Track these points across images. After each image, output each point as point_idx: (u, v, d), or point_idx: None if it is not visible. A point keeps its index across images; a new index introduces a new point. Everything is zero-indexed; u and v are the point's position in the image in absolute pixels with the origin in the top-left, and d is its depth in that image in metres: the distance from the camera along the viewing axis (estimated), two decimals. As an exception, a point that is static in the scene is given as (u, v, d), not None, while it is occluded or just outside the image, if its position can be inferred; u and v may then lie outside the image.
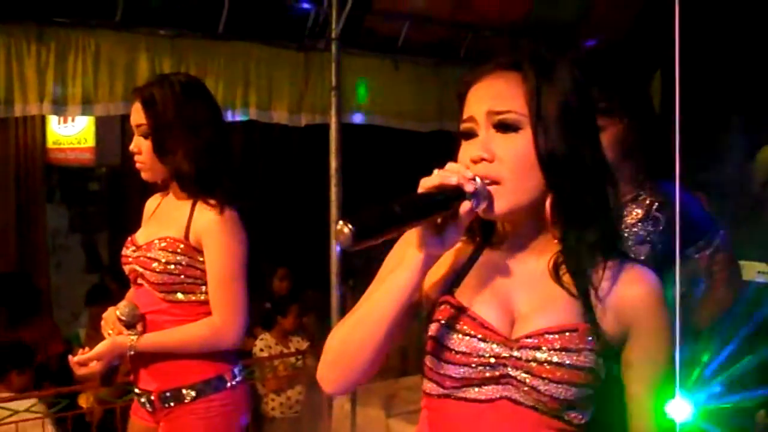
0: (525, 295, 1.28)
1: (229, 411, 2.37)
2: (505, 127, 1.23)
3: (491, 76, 1.27)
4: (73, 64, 3.98)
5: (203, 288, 2.33)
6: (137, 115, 2.34)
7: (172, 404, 2.34)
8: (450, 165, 1.22)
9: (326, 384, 1.35)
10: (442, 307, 1.29)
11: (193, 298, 2.33)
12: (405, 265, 1.23)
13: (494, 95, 1.25)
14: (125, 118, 6.00)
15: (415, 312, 1.34)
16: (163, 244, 2.32)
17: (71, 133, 6.86)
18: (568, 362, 1.20)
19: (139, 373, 2.40)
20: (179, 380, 2.33)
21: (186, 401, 2.32)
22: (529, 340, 1.22)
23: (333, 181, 4.46)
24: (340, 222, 1.05)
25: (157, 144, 2.30)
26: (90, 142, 6.86)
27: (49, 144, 6.94)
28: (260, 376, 5.06)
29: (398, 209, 1.10)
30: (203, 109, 2.35)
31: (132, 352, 2.32)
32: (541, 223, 1.27)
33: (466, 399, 1.26)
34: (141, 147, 2.34)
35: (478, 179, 1.19)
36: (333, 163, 4.47)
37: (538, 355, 1.21)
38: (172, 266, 2.30)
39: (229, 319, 2.30)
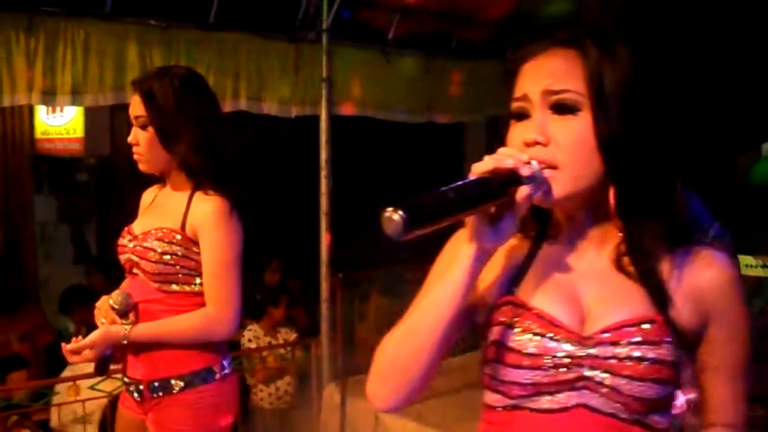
0: (593, 289, 1.19)
1: (218, 403, 2.38)
2: (562, 108, 1.13)
3: (547, 53, 1.17)
4: (63, 54, 3.96)
5: (198, 279, 2.34)
6: (136, 108, 2.35)
7: (160, 394, 2.34)
8: (503, 149, 1.12)
9: (378, 400, 1.23)
10: (504, 307, 1.19)
11: (188, 288, 2.35)
12: (457, 263, 1.13)
13: (551, 73, 1.15)
14: (114, 109, 5.99)
15: (470, 317, 1.25)
16: (159, 235, 2.33)
17: (60, 123, 6.83)
18: (651, 356, 1.11)
19: (128, 362, 2.41)
20: (168, 370, 2.34)
21: (174, 391, 2.34)
22: (606, 335, 1.13)
23: (323, 173, 4.48)
24: (389, 209, 0.96)
25: (162, 136, 2.32)
26: (79, 132, 6.83)
27: (38, 134, 6.90)
28: (249, 366, 5.07)
29: (452, 195, 1.01)
30: (204, 102, 2.37)
31: (125, 342, 2.33)
32: (599, 212, 1.19)
33: (536, 410, 1.15)
34: (139, 138, 2.35)
35: (534, 162, 1.10)
36: (323, 155, 4.48)
37: (618, 350, 1.11)
38: (168, 257, 2.32)
39: (223, 310, 2.31)
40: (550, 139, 1.12)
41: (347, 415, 4.41)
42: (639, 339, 1.11)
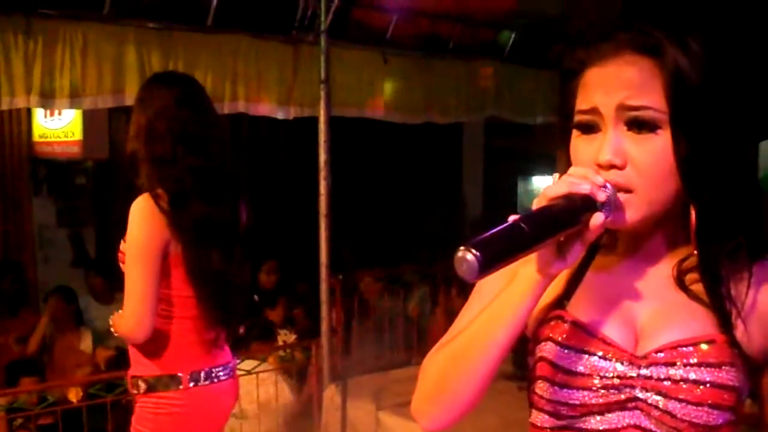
0: (649, 306, 1.10)
1: (181, 413, 2.38)
2: (640, 125, 1.02)
3: (620, 59, 1.04)
4: (61, 57, 3.95)
5: None
6: None
7: (134, 391, 2.42)
8: (575, 170, 1.02)
9: (425, 419, 1.15)
10: (553, 323, 1.11)
11: None
12: (519, 286, 1.04)
13: (627, 85, 1.02)
14: (113, 112, 5.98)
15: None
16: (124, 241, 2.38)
17: (58, 126, 6.81)
18: (709, 379, 1.01)
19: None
20: (137, 369, 2.41)
21: (140, 392, 2.39)
22: (660, 356, 1.04)
23: (322, 174, 4.47)
24: (461, 248, 0.89)
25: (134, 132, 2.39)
26: (77, 135, 6.81)
27: (36, 138, 6.88)
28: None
29: (527, 229, 0.93)
30: (149, 98, 2.38)
31: (112, 329, 2.41)
32: (667, 227, 1.10)
33: (586, 430, 1.08)
34: None
35: (609, 186, 1.01)
36: (322, 156, 4.47)
37: (672, 371, 1.03)
38: (123, 254, 2.36)
39: (127, 305, 2.30)
40: (626, 161, 1.02)
41: (348, 416, 4.41)
42: (696, 360, 1.03)
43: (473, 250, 0.89)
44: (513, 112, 5.96)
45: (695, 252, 1.08)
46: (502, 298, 1.05)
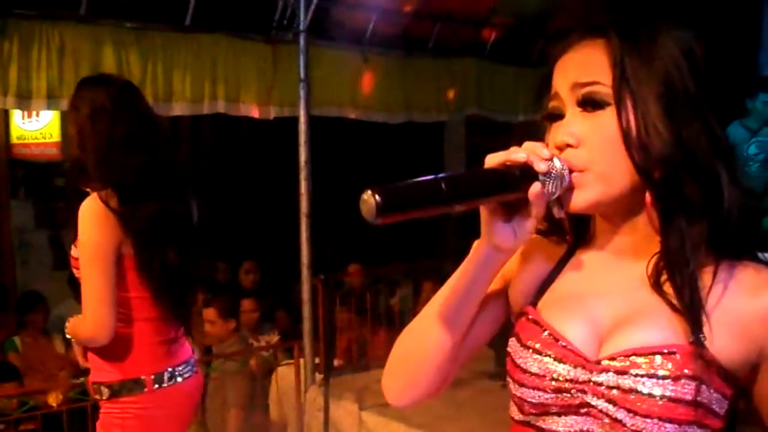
0: (618, 307, 1.06)
1: (148, 415, 2.36)
2: (590, 103, 1.03)
3: (576, 45, 1.07)
4: (38, 58, 3.92)
5: None
6: None
7: (97, 397, 2.39)
8: (526, 143, 1.02)
9: (389, 394, 1.19)
10: (521, 319, 1.11)
11: None
12: (469, 258, 1.06)
13: (578, 65, 1.05)
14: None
15: (502, 320, 1.20)
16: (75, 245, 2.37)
17: (36, 128, 6.77)
18: (659, 393, 0.96)
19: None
20: (99, 375, 2.37)
21: (104, 398, 2.36)
22: (614, 363, 1.00)
23: (302, 174, 4.46)
24: (368, 191, 0.88)
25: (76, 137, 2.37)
26: (55, 136, 6.78)
27: (13, 139, 6.84)
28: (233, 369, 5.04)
29: (444, 186, 0.91)
30: (82, 101, 2.36)
31: (69, 336, 2.40)
32: (638, 218, 1.06)
33: (544, 430, 1.07)
34: None
35: (557, 161, 1.00)
36: (302, 156, 4.46)
37: (621, 381, 0.98)
38: (76, 260, 2.35)
39: (87, 310, 2.27)
40: (580, 140, 1.03)
41: (330, 417, 4.41)
42: (647, 372, 0.97)
43: (377, 195, 0.87)
44: (494, 110, 5.97)
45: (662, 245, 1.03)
46: (457, 272, 1.07)
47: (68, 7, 4.00)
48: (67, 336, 2.41)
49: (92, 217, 2.25)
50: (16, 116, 6.76)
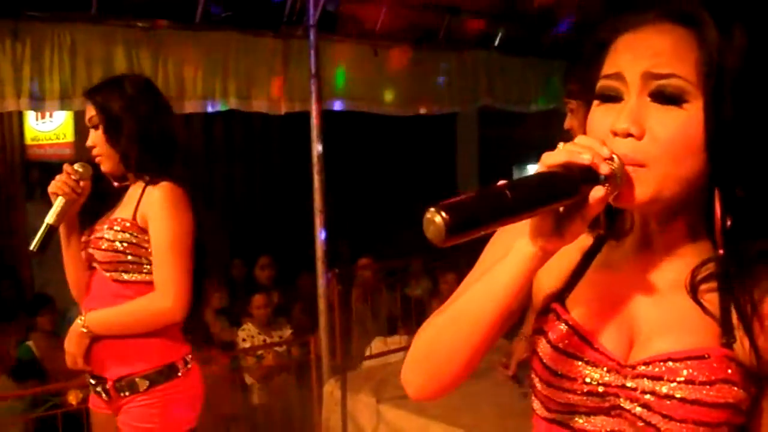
0: (649, 310, 1.03)
1: (183, 398, 2.45)
2: (665, 96, 0.94)
3: (652, 27, 0.97)
4: (50, 59, 3.94)
5: (148, 267, 2.39)
6: (89, 111, 2.50)
7: (127, 393, 2.40)
8: (581, 138, 0.95)
9: (411, 389, 1.14)
10: (550, 316, 1.07)
11: (139, 277, 2.40)
12: (512, 258, 0.99)
13: (656, 53, 0.95)
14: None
15: (522, 309, 1.14)
16: (115, 225, 2.41)
17: (50, 128, 6.80)
18: (695, 398, 0.95)
19: (94, 361, 2.45)
20: (132, 368, 2.39)
21: (141, 390, 2.39)
22: (647, 368, 0.98)
23: (315, 168, 4.46)
24: (431, 209, 0.81)
25: (108, 134, 2.44)
26: (69, 137, 6.81)
27: (28, 141, 6.88)
28: (246, 365, 5.07)
29: (510, 195, 0.85)
30: (144, 100, 2.45)
31: (85, 330, 2.39)
32: (678, 219, 1.02)
33: (572, 428, 1.05)
34: (94, 140, 2.50)
35: (615, 158, 0.93)
36: (315, 151, 4.46)
37: (657, 387, 0.96)
38: (119, 243, 2.39)
39: (167, 294, 2.34)
40: (645, 131, 0.94)
41: (348, 409, 4.41)
42: (683, 378, 0.96)
43: (443, 212, 0.80)
44: (506, 101, 5.95)
45: (719, 253, 0.99)
46: (495, 270, 1.01)
47: (79, 7, 4.02)
48: (83, 329, 2.40)
49: (183, 200, 2.39)
50: (30, 118, 6.79)
